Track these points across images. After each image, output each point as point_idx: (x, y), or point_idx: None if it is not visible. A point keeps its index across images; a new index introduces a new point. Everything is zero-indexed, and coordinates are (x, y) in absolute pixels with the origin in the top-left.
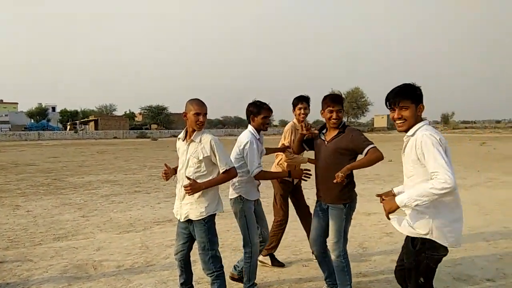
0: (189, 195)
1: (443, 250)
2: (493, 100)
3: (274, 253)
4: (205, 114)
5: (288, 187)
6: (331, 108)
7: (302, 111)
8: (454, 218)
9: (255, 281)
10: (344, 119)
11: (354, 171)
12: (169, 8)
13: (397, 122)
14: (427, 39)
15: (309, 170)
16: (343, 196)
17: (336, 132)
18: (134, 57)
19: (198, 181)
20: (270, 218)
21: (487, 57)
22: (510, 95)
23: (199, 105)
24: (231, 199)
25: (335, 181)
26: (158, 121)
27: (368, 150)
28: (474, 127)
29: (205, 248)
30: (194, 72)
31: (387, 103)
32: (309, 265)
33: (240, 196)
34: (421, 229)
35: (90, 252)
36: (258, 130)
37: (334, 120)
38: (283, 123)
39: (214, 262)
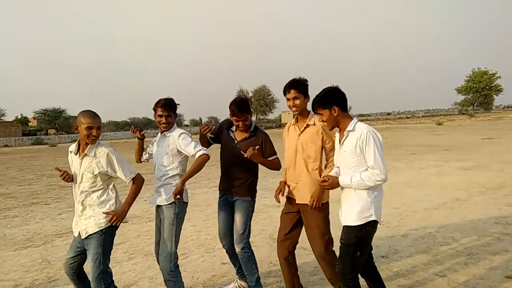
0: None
1: (377, 226)
2: (384, 94)
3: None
4: (99, 127)
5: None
6: (236, 118)
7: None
8: (380, 199)
9: None
10: (253, 118)
11: None
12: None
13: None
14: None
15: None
16: (251, 190)
17: (247, 134)
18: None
19: (92, 195)
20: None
21: (377, 55)
22: (399, 89)
23: (92, 118)
24: None
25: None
26: (56, 125)
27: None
28: (369, 119)
29: (97, 261)
30: (98, 71)
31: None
32: (227, 262)
33: None
34: (365, 212)
35: None
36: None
37: (241, 128)
38: (195, 123)
39: (104, 278)
